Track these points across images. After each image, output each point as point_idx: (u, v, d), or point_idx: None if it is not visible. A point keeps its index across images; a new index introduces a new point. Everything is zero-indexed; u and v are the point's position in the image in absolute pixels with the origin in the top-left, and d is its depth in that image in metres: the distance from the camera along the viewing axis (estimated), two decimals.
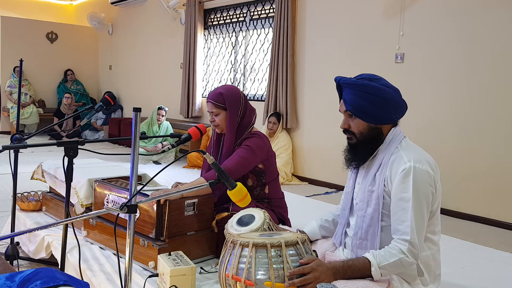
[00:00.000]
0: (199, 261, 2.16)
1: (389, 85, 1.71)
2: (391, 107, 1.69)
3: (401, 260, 1.60)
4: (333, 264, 1.61)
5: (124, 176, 2.65)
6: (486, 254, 2.71)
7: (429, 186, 1.64)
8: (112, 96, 2.38)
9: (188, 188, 1.59)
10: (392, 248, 1.62)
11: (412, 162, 1.63)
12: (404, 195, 1.62)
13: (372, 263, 1.60)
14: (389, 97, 1.67)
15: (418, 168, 1.62)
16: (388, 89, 1.68)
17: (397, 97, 1.70)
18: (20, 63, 2.97)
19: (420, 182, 1.62)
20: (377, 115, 1.69)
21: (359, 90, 1.67)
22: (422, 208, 1.62)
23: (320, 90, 5.63)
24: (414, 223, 1.60)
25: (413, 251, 1.60)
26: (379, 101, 1.66)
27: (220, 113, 2.39)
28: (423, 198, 1.62)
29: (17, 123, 2.99)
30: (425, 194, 1.63)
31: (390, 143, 1.72)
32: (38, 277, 1.22)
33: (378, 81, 1.70)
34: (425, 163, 1.65)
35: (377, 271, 1.59)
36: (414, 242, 1.60)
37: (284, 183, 5.58)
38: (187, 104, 7.57)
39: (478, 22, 4.22)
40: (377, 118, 1.70)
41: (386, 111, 1.69)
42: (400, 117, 1.75)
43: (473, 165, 4.27)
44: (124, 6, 9.36)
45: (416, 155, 1.67)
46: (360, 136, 1.73)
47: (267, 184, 2.44)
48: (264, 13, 6.48)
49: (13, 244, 2.62)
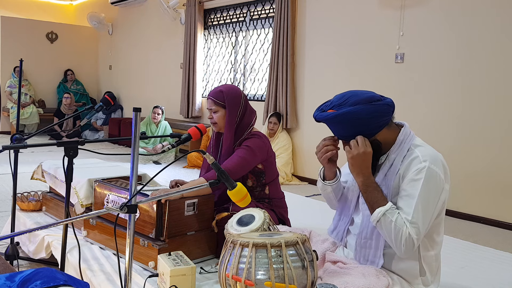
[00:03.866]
0: (199, 261, 2.16)
1: (360, 100, 1.66)
2: (371, 119, 1.66)
3: (401, 233, 1.58)
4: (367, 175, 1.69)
5: (124, 176, 2.65)
6: (486, 254, 2.72)
7: (438, 188, 1.63)
8: (112, 96, 2.38)
9: (188, 188, 1.58)
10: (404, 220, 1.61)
11: (428, 162, 1.63)
12: (412, 192, 1.62)
13: (387, 205, 1.62)
14: (363, 114, 1.65)
15: (432, 169, 1.62)
16: (357, 106, 1.64)
17: (371, 108, 1.65)
18: (20, 63, 2.97)
19: (431, 183, 1.62)
20: (365, 131, 1.69)
21: (335, 122, 1.69)
22: (428, 206, 1.61)
23: (320, 90, 5.63)
24: (420, 213, 1.59)
25: (410, 243, 1.59)
26: (359, 122, 1.66)
27: (219, 111, 2.39)
28: (431, 198, 1.62)
29: (17, 123, 2.99)
30: (433, 195, 1.62)
31: (402, 144, 1.72)
32: (38, 277, 1.22)
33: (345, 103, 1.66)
34: (440, 165, 1.65)
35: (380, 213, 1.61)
36: (415, 239, 1.58)
37: (284, 183, 5.58)
38: (187, 104, 7.57)
39: (478, 22, 4.22)
40: (367, 133, 1.70)
41: (369, 124, 1.68)
42: (389, 115, 1.72)
43: (473, 165, 4.27)
44: (124, 6, 9.37)
45: (432, 156, 1.66)
46: None
47: (267, 184, 2.44)
48: (264, 13, 6.48)
49: (13, 244, 2.62)
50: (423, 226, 1.61)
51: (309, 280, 1.56)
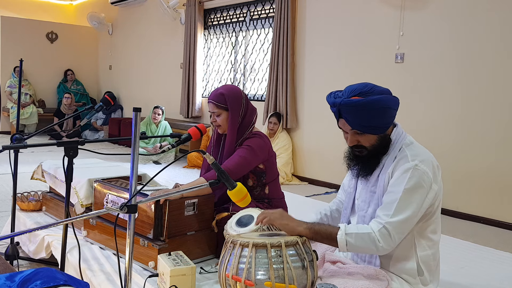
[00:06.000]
0: (199, 261, 2.16)
1: (382, 90, 1.67)
2: (392, 111, 1.69)
3: (369, 235, 1.59)
4: (299, 223, 1.68)
5: (124, 176, 2.65)
6: (486, 254, 2.72)
7: (425, 186, 1.63)
8: (112, 96, 2.38)
9: (188, 188, 1.59)
10: (366, 225, 1.65)
11: (416, 161, 1.64)
12: (395, 189, 1.63)
13: (341, 227, 1.62)
14: (389, 104, 1.65)
15: (419, 167, 1.63)
16: (383, 95, 1.65)
17: (391, 99, 1.68)
18: (20, 63, 2.97)
19: (416, 182, 1.62)
20: (384, 124, 1.68)
21: (360, 109, 1.63)
22: (409, 205, 1.61)
23: (320, 90, 5.62)
24: (396, 215, 1.60)
25: (385, 234, 1.59)
26: (382, 112, 1.65)
27: (222, 114, 2.39)
28: (415, 198, 1.61)
29: (17, 123, 2.99)
30: (418, 192, 1.62)
31: (394, 143, 1.73)
32: (38, 277, 1.22)
33: (372, 92, 1.64)
34: (429, 164, 1.65)
35: (342, 237, 1.60)
36: (389, 228, 1.59)
37: (284, 183, 5.58)
38: (187, 104, 7.57)
39: (478, 22, 4.22)
40: (384, 126, 1.69)
41: (389, 116, 1.69)
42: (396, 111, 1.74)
43: (472, 165, 4.27)
44: (124, 6, 9.37)
45: (421, 155, 1.67)
46: (372, 148, 1.72)
47: (267, 184, 2.44)
48: (264, 13, 6.48)
49: (13, 244, 2.62)
50: (399, 229, 1.60)
51: (309, 280, 1.57)
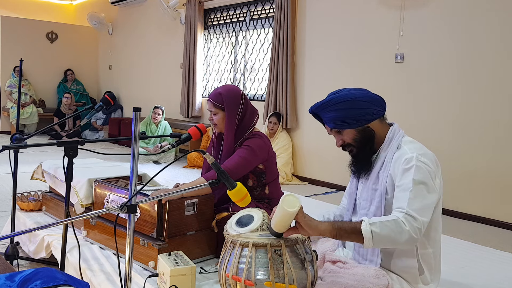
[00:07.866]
0: (199, 261, 2.16)
1: (352, 89, 1.78)
2: (363, 103, 1.73)
3: (395, 221, 1.54)
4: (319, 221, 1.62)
5: (124, 176, 2.65)
6: (486, 254, 2.72)
7: (431, 174, 1.63)
8: (112, 96, 2.38)
9: (188, 188, 1.59)
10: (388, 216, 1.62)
11: (415, 154, 1.66)
12: (404, 182, 1.63)
13: (364, 219, 1.57)
14: (356, 97, 1.74)
15: (420, 159, 1.64)
16: (351, 91, 1.76)
17: (364, 93, 1.76)
18: (20, 63, 2.97)
19: (422, 171, 1.62)
20: (356, 117, 1.73)
21: (328, 107, 1.75)
22: (422, 191, 1.60)
23: (320, 90, 5.62)
24: (414, 202, 1.57)
25: (410, 220, 1.55)
26: (350, 104, 1.72)
27: (218, 113, 2.39)
28: (424, 184, 1.61)
29: (17, 123, 2.99)
30: (427, 181, 1.62)
31: (391, 141, 1.76)
32: (38, 277, 1.22)
33: (341, 91, 1.78)
34: (430, 158, 1.67)
35: (367, 228, 1.53)
36: (412, 213, 1.55)
37: (284, 183, 5.58)
38: (187, 104, 7.57)
39: (478, 22, 4.22)
40: (358, 119, 1.73)
41: (361, 109, 1.73)
42: (381, 109, 1.77)
43: (473, 165, 4.27)
44: (124, 6, 9.36)
45: (419, 149, 1.70)
46: (356, 142, 1.77)
47: (267, 184, 2.44)
48: (264, 13, 6.48)
49: (13, 244, 2.62)
50: (422, 212, 1.57)
51: (309, 280, 1.56)
